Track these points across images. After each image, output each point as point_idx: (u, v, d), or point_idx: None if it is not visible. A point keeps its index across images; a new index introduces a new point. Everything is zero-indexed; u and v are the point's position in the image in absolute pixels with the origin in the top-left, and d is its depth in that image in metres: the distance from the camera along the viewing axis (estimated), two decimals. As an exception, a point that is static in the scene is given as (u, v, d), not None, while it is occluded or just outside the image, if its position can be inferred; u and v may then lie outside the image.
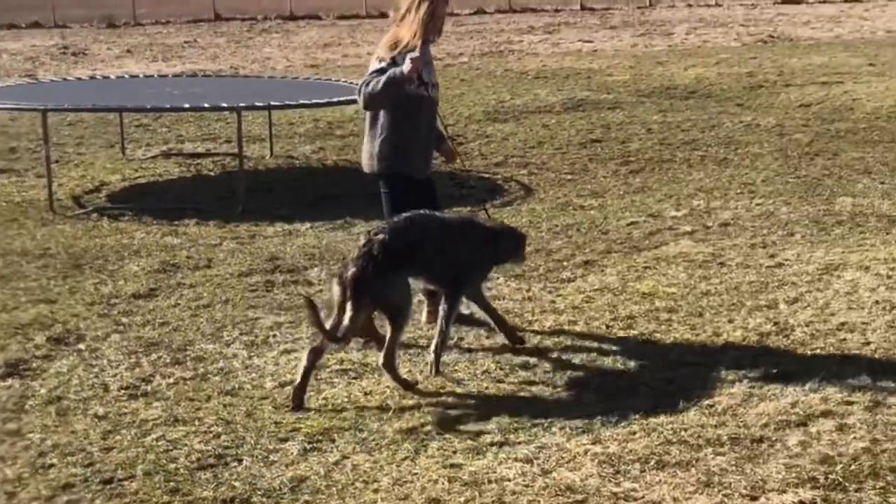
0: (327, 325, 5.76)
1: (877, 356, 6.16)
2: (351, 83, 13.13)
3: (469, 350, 6.48)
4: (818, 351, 6.31)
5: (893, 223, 9.11)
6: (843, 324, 6.76)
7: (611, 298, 7.37)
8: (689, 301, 7.30)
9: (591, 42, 26.08)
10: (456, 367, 6.21)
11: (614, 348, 6.47)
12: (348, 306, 5.74)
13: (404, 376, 5.94)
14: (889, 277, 7.62)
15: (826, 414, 5.44)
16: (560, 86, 18.54)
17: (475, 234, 6.41)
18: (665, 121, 14.87)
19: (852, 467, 4.87)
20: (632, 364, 6.21)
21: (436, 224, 6.30)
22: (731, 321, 6.89)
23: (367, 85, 6.55)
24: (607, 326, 6.84)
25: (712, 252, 8.47)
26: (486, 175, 11.91)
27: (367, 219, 9.75)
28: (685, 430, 5.31)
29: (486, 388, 5.93)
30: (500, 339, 6.61)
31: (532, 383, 5.99)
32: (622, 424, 5.41)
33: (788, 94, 16.97)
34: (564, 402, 5.73)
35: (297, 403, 5.68)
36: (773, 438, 5.20)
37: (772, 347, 6.41)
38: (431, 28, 6.69)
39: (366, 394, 5.86)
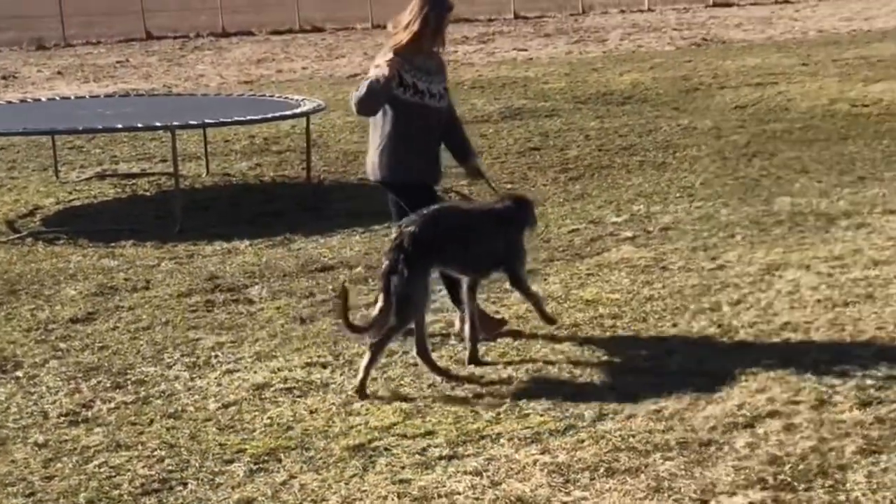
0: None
1: (821, 355, 6.17)
2: (285, 98, 13.06)
3: (415, 364, 6.42)
4: (763, 352, 6.32)
5: (832, 222, 9.18)
6: (786, 323, 6.78)
7: (554, 307, 7.34)
8: (632, 307, 7.29)
9: (525, 50, 26.16)
10: (402, 382, 6.15)
11: (560, 357, 6.44)
12: (380, 297, 6.06)
13: (436, 363, 6.27)
14: (830, 276, 7.66)
15: (773, 414, 5.44)
16: (497, 95, 18.56)
17: (507, 218, 6.54)
18: (602, 127, 14.92)
19: (801, 467, 4.87)
20: (578, 372, 6.18)
21: (464, 214, 6.65)
22: (675, 325, 6.89)
23: (355, 94, 6.62)
24: (552, 335, 6.80)
25: (654, 257, 8.48)
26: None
27: (306, 234, 9.70)
28: (633, 436, 5.29)
29: (433, 400, 5.87)
30: (445, 351, 6.58)
31: (479, 395, 5.94)
32: (570, 433, 5.38)
33: (724, 96, 17.11)
34: (512, 412, 5.68)
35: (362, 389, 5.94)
36: (721, 441, 5.19)
37: (717, 350, 6.41)
38: (437, 39, 6.80)
39: (312, 412, 5.78)
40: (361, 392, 5.94)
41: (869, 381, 5.77)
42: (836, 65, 20.18)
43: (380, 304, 6.10)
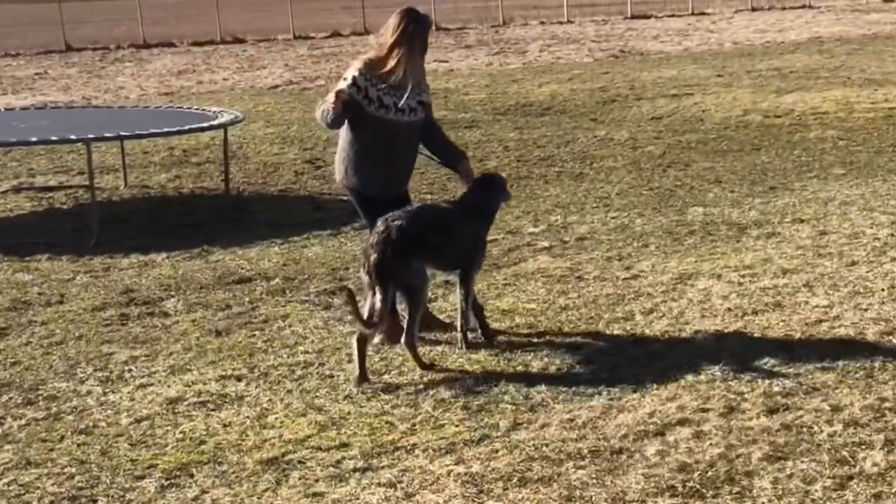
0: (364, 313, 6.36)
1: (730, 363, 6.27)
2: (202, 110, 12.98)
3: (331, 376, 6.43)
4: (674, 360, 6.40)
5: (743, 231, 9.33)
6: (697, 332, 6.89)
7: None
8: (548, 316, 7.36)
9: (446, 62, 26.26)
10: (317, 394, 6.15)
11: (476, 367, 6.48)
12: (377, 291, 6.30)
13: (421, 356, 6.46)
14: (740, 284, 7.79)
15: (683, 422, 5.52)
16: (417, 106, 18.58)
17: (474, 218, 6.81)
18: (521, 138, 15.03)
19: (709, 474, 4.95)
20: (494, 381, 6.21)
21: (444, 212, 6.84)
22: (589, 334, 6.96)
23: (323, 114, 6.75)
24: (422, 362, 6.82)
25: (570, 266, 8.56)
26: (346, 198, 11.83)
27: (224, 246, 9.66)
28: (546, 445, 5.34)
29: (349, 412, 5.87)
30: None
31: (395, 406, 5.95)
32: (485, 443, 5.41)
33: (640, 108, 17.32)
34: (428, 423, 5.70)
35: (363, 379, 6.25)
36: (633, 449, 5.26)
37: (629, 359, 6.48)
38: (416, 58, 6.83)
39: (225, 426, 5.76)
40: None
41: (776, 389, 5.87)
42: (751, 76, 20.53)
43: (378, 296, 6.33)
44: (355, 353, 6.29)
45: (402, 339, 6.48)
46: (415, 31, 6.74)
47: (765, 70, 21.51)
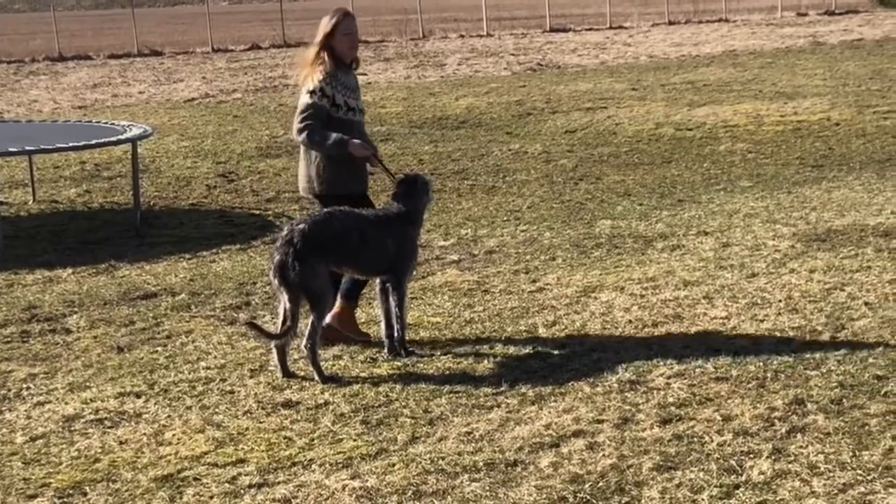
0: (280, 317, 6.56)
1: (627, 375, 6.36)
2: (112, 124, 12.86)
3: (231, 391, 6.41)
4: (573, 372, 6.47)
5: (649, 244, 9.45)
6: (597, 344, 6.96)
7: (377, 330, 7.40)
8: (452, 329, 7.40)
9: (365, 74, 26.24)
10: (217, 410, 6.13)
11: (378, 380, 6.50)
12: (284, 293, 6.42)
13: (323, 367, 6.56)
14: (642, 297, 7.90)
15: (577, 434, 5.58)
16: (333, 119, 18.59)
17: (396, 223, 6.86)
18: (436, 151, 15.10)
19: (600, 484, 5.01)
20: (394, 395, 6.24)
21: (356, 218, 6.78)
22: (492, 348, 7.01)
23: (312, 135, 6.90)
24: (372, 359, 6.86)
25: (477, 280, 8.62)
26: (258, 212, 11.84)
27: (131, 261, 9.59)
28: (443, 458, 5.37)
29: (247, 428, 5.86)
30: (264, 377, 6.59)
31: (294, 421, 5.95)
32: (382, 457, 5.43)
33: (555, 121, 17.47)
34: (326, 437, 5.71)
35: (287, 374, 6.51)
36: (527, 461, 5.31)
37: (530, 371, 6.53)
38: (343, 56, 7.10)
39: (121, 443, 5.72)
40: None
41: (670, 399, 5.96)
42: (664, 89, 20.79)
43: (286, 297, 6.45)
44: (275, 358, 6.56)
45: (302, 344, 6.55)
46: (339, 22, 7.06)
47: (679, 83, 21.80)
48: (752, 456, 5.22)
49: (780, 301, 7.63)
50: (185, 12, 48.50)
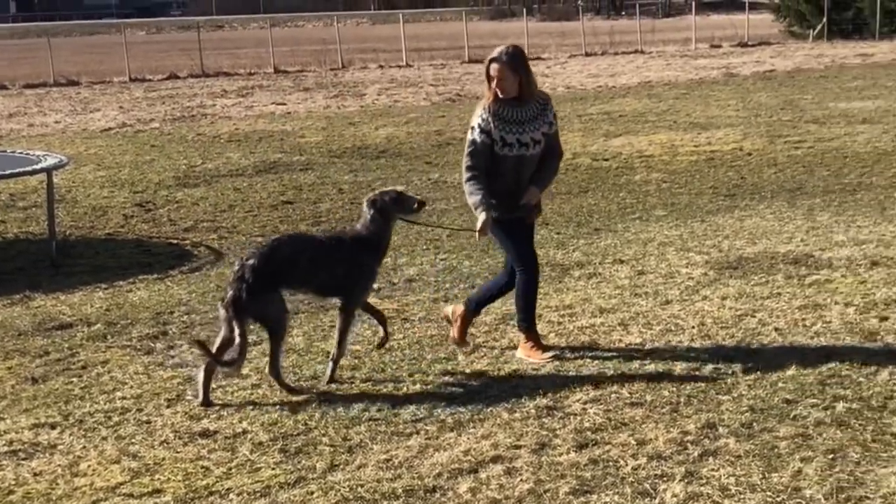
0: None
1: (544, 401, 6.43)
2: (26, 154, 12.72)
3: (148, 421, 6.37)
4: (492, 399, 6.53)
5: (566, 272, 9.56)
6: (515, 371, 7.04)
7: (296, 359, 7.41)
8: (371, 358, 7.42)
9: (284, 104, 26.28)
10: (133, 440, 6.09)
11: (297, 409, 6.49)
12: (234, 325, 6.48)
13: (288, 383, 6.76)
14: (559, 324, 7.99)
15: (496, 459, 5.63)
16: (253, 148, 18.59)
17: (349, 247, 6.93)
18: (356, 180, 15.13)
19: (516, 509, 5.07)
20: (313, 423, 6.24)
21: (308, 242, 7.08)
22: (411, 375, 7.04)
23: (467, 182, 7.09)
24: (290, 388, 6.85)
25: (397, 308, 8.65)
26: (175, 241, 11.77)
27: (47, 291, 9.49)
28: (362, 485, 5.39)
29: (164, 458, 5.83)
30: (181, 407, 6.56)
31: (212, 450, 5.93)
32: (300, 485, 5.43)
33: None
34: (244, 466, 5.70)
35: (206, 403, 6.54)
36: (446, 487, 5.34)
37: (449, 398, 6.58)
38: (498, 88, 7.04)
39: (35, 475, 5.65)
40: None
41: (587, 424, 6.04)
42: (581, 119, 21.04)
43: (236, 330, 6.49)
44: (201, 379, 6.57)
45: (267, 370, 6.76)
46: (487, 66, 7.10)
47: (595, 114, 22.08)
48: (665, 479, 5.31)
49: (693, 328, 7.77)
50: (101, 42, 48.14)
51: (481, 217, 6.99)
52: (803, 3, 51.86)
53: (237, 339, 6.49)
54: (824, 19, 50.43)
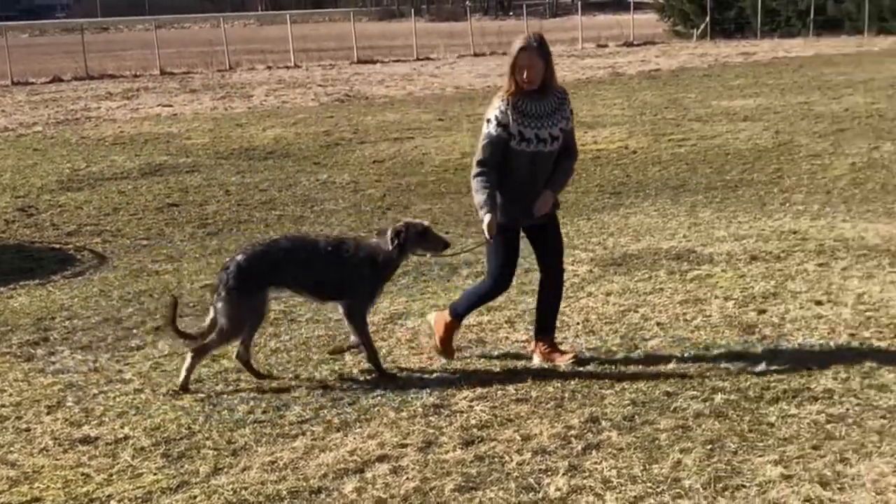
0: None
1: (431, 399, 6.45)
2: None
3: (27, 429, 6.25)
4: (379, 398, 6.53)
5: (454, 271, 9.59)
6: (403, 370, 7.05)
7: (180, 363, 7.31)
8: (257, 359, 7.35)
9: (170, 106, 25.96)
10: (11, 448, 5.96)
11: (179, 413, 6.42)
12: (210, 310, 6.80)
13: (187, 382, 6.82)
14: (447, 322, 8.01)
15: (382, 458, 5.64)
16: (138, 151, 18.34)
17: (349, 254, 6.84)
18: (243, 182, 15.00)
19: (403, 507, 5.08)
20: (196, 427, 6.18)
21: (304, 245, 7.01)
22: (297, 376, 7.01)
23: (475, 179, 6.77)
24: (175, 392, 6.78)
25: (284, 309, 8.60)
26: (58, 245, 11.55)
27: (-78, 299, 9.25)
28: (245, 488, 5.35)
29: (43, 466, 5.72)
30: (61, 414, 6.44)
31: (93, 457, 5.83)
32: (183, 490, 5.38)
33: (363, 151, 17.57)
34: (125, 472, 5.61)
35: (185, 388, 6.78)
36: (331, 488, 5.33)
37: (335, 399, 6.55)
38: (517, 80, 6.75)
39: None
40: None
41: (473, 422, 6.08)
42: (470, 119, 21.12)
43: (209, 316, 6.80)
44: (187, 363, 6.80)
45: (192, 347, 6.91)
46: (516, 56, 6.76)
47: (483, 114, 22.14)
48: (549, 473, 5.36)
49: (577, 324, 7.86)
50: (-19, 43, 47.15)
51: (486, 218, 6.64)
52: (687, 3, 52.87)
53: (206, 322, 6.81)
54: (707, 19, 51.43)
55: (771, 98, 22.84)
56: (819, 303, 8.10)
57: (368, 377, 6.93)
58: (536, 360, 7.06)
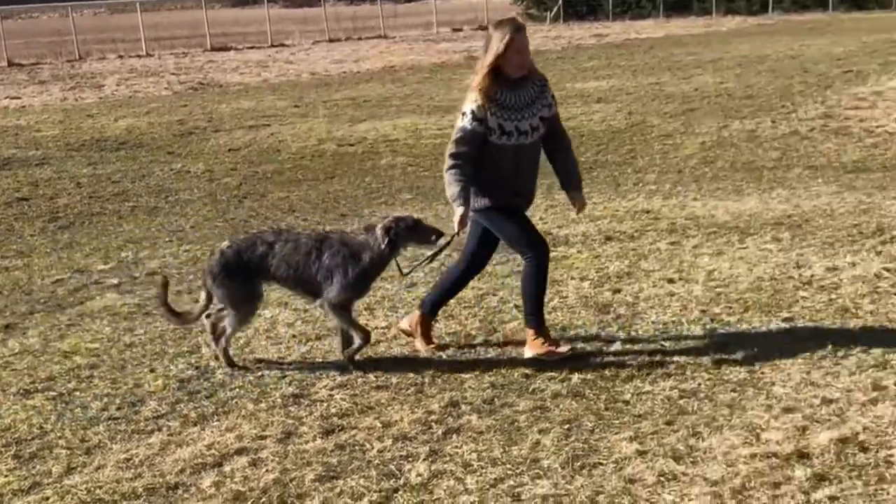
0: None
1: (290, 389, 6.40)
2: None
3: None
4: (237, 390, 6.45)
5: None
6: (261, 360, 6.97)
7: (31, 361, 7.14)
8: (111, 355, 7.22)
9: (18, 98, 25.26)
10: None
11: (30, 412, 6.25)
12: (202, 295, 6.92)
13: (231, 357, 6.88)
14: (305, 311, 7.94)
15: (240, 451, 5.57)
16: (-17, 144, 17.80)
17: (332, 249, 6.64)
18: (95, 174, 14.68)
19: (262, 500, 5.03)
20: (49, 426, 6.02)
21: (286, 239, 6.76)
22: (152, 370, 6.88)
23: (449, 171, 6.48)
24: (26, 391, 6.60)
25: (138, 303, 8.44)
26: None
27: None
28: (100, 487, 5.24)
29: None
30: None
31: (-59, 462, 5.65)
32: (35, 491, 5.24)
33: (218, 140, 17.34)
34: (-24, 476, 5.45)
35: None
36: (189, 483, 5.25)
37: (192, 392, 6.45)
38: (506, 65, 6.44)
39: None
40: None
41: (333, 410, 6.05)
42: (326, 105, 21.04)
43: (201, 301, 6.91)
44: (216, 345, 6.93)
45: (217, 344, 6.91)
46: (512, 40, 6.43)
47: (340, 100, 22.10)
48: (410, 459, 5.37)
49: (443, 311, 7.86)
50: None
51: (459, 211, 6.40)
52: (540, -13, 53.44)
53: (201, 303, 6.91)
54: (560, 2, 52.04)
55: (623, 79, 23.22)
56: (671, 281, 8.26)
57: (226, 370, 6.82)
58: (529, 354, 6.74)
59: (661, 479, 5.05)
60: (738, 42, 31.99)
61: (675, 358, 6.61)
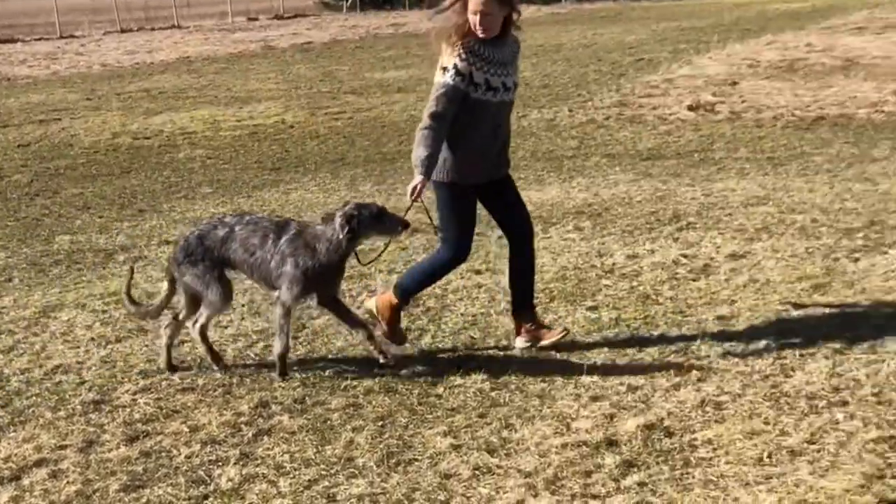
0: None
1: (91, 395, 6.15)
2: None
3: None
4: (34, 398, 6.16)
5: (110, 257, 9.23)
6: (58, 366, 6.67)
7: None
8: None
9: None
10: None
11: None
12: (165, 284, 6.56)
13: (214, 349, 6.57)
14: (104, 312, 7.68)
15: (39, 463, 5.32)
16: None
17: (288, 238, 6.17)
18: None
19: (65, 514, 4.81)
20: None
21: (246, 225, 6.31)
22: (-58, 381, 6.53)
23: (423, 130, 6.04)
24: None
25: (-76, 309, 8.01)
26: None
27: None
28: None
29: None
30: None
31: None
32: None
33: (6, 135, 16.67)
34: None
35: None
36: (-17, 499, 4.98)
37: (-15, 402, 6.16)
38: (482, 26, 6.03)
39: None
40: (170, 367, 6.49)
41: (137, 416, 5.84)
42: (120, 98, 20.47)
43: (164, 289, 6.57)
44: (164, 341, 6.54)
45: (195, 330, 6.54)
46: None
47: (134, 91, 21.53)
48: (220, 464, 5.22)
49: (243, 305, 7.70)
50: None
51: (417, 179, 6.00)
52: (336, -23, 53.25)
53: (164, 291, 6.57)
54: (356, -9, 51.98)
55: (422, 69, 23.29)
56: (478, 272, 8.29)
57: (21, 376, 6.52)
58: (521, 343, 6.57)
59: (476, 472, 5.04)
60: (534, 31, 32.48)
61: (486, 350, 6.63)
